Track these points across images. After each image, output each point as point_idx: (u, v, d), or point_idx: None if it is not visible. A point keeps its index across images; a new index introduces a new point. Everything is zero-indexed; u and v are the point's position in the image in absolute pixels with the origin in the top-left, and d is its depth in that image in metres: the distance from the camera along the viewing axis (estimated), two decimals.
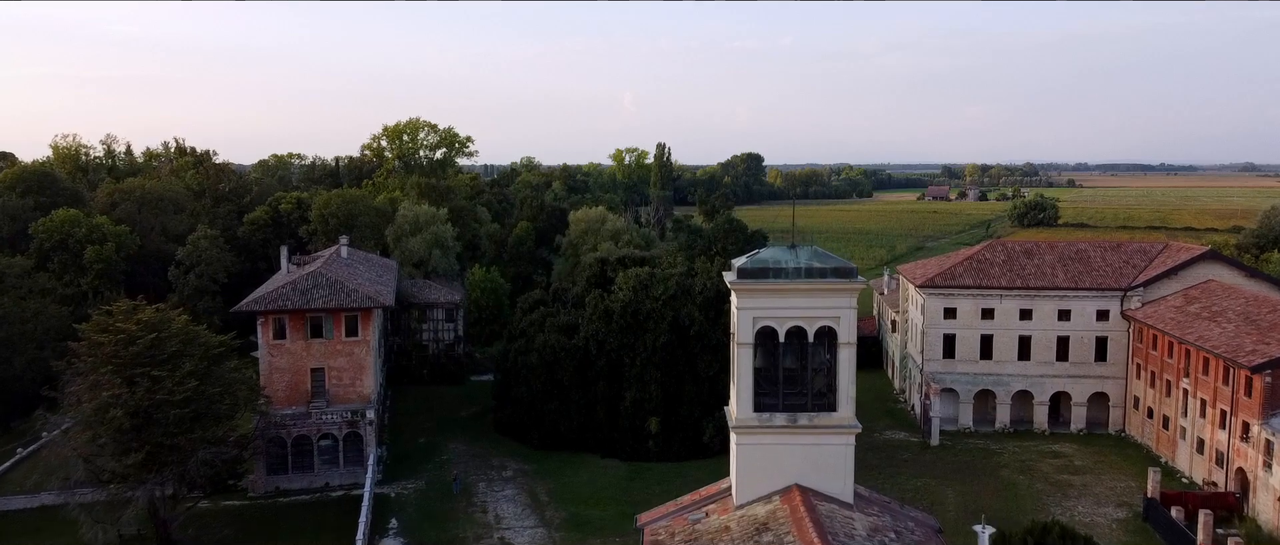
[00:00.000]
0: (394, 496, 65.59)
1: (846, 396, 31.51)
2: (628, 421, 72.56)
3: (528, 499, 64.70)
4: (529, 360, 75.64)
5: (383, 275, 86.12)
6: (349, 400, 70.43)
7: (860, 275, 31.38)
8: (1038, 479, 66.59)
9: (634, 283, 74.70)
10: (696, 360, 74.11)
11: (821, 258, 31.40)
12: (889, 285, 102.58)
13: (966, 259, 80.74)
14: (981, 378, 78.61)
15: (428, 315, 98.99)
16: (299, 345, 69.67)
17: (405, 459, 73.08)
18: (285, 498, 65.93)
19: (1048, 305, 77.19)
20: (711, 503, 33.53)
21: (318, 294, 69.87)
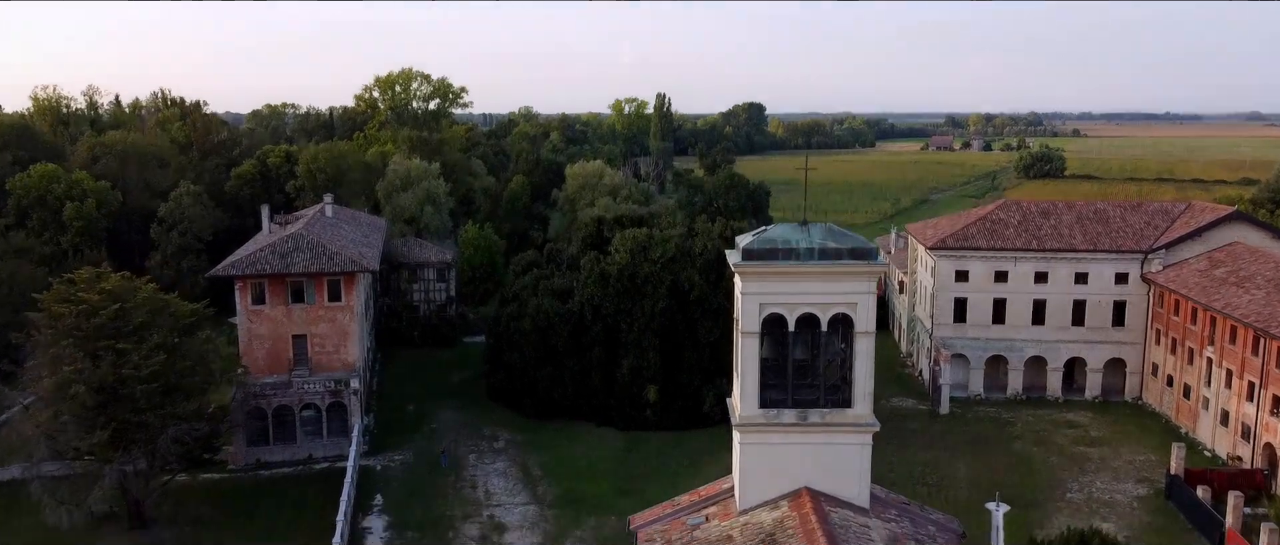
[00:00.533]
0: (380, 470, 62.76)
1: (863, 392, 28.25)
2: (625, 390, 69.54)
3: (519, 473, 61.86)
4: (521, 325, 72.41)
5: (369, 235, 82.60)
6: (333, 368, 67.31)
7: (879, 256, 27.86)
8: (1053, 451, 63.69)
9: (631, 245, 71.19)
10: (696, 326, 70.87)
11: (837, 237, 27.89)
12: (896, 244, 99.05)
13: (980, 219, 77.10)
14: (993, 343, 75.43)
15: (418, 275, 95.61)
16: (279, 311, 66.37)
17: (393, 428, 70.18)
18: (266, 471, 63.10)
19: (1064, 268, 73.71)
20: (711, 505, 30.42)
21: (298, 258, 66.38)
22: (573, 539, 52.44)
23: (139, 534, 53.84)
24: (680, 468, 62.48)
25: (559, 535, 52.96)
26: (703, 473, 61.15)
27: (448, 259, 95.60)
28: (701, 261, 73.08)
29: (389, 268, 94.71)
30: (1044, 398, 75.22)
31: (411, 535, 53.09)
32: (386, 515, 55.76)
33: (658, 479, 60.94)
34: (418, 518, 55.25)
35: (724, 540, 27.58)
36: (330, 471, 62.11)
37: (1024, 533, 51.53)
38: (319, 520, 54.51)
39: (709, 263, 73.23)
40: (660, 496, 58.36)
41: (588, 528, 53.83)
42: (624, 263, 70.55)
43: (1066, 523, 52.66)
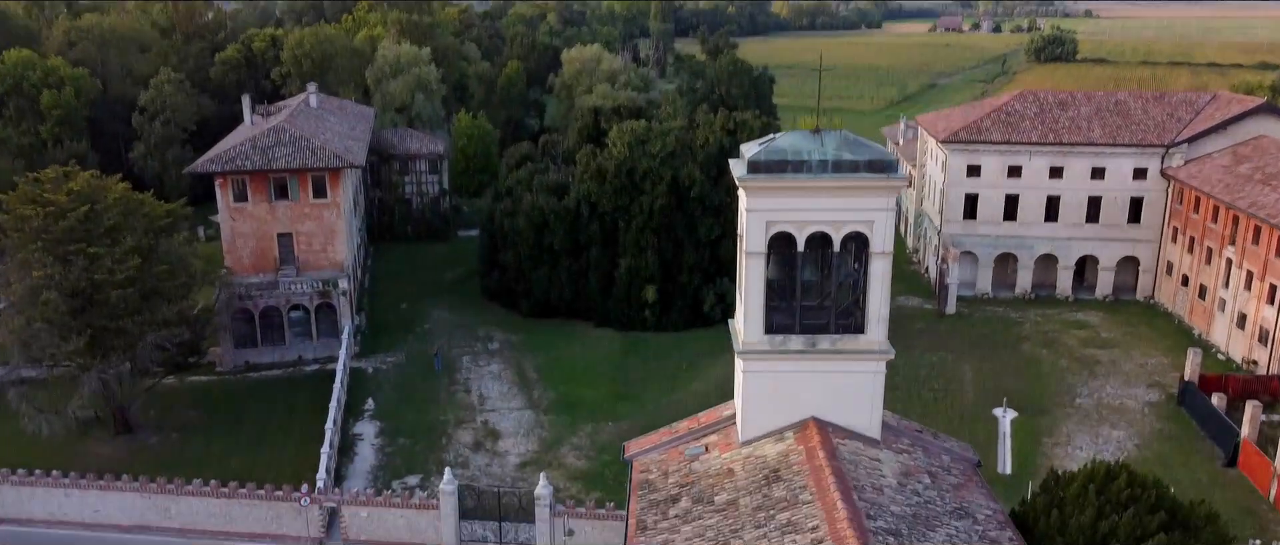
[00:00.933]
0: (371, 373, 61.25)
1: (878, 316, 25.89)
2: (623, 290, 67.48)
3: (514, 376, 60.34)
4: (516, 223, 69.87)
5: (356, 126, 79.21)
6: (320, 267, 65.10)
7: (899, 169, 25.07)
8: (1062, 354, 62.03)
9: (629, 139, 67.99)
10: (697, 224, 68.34)
11: (853, 147, 25.04)
12: (904, 135, 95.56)
13: (994, 111, 73.57)
14: (1004, 241, 72.98)
15: (410, 167, 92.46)
16: (263, 208, 63.72)
17: (384, 329, 68.46)
18: (255, 373, 61.62)
19: (1081, 163, 70.65)
20: (712, 433, 28.49)
21: (280, 152, 63.34)
22: (568, 446, 51.18)
23: (124, 440, 52.63)
24: (679, 371, 60.95)
25: (554, 442, 51.70)
26: (703, 376, 59.75)
27: (440, 150, 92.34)
28: (702, 156, 70.04)
29: (379, 159, 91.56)
30: (1053, 297, 73.24)
31: (403, 442, 51.82)
32: (378, 421, 54.42)
33: (656, 382, 59.51)
34: (410, 423, 53.92)
35: (724, 474, 25.71)
36: (321, 374, 60.60)
37: (1032, 440, 50.31)
38: (310, 425, 53.19)
39: (710, 157, 70.20)
40: (658, 401, 57.21)
41: (583, 434, 52.54)
42: (621, 158, 67.52)
43: (1075, 430, 51.43)
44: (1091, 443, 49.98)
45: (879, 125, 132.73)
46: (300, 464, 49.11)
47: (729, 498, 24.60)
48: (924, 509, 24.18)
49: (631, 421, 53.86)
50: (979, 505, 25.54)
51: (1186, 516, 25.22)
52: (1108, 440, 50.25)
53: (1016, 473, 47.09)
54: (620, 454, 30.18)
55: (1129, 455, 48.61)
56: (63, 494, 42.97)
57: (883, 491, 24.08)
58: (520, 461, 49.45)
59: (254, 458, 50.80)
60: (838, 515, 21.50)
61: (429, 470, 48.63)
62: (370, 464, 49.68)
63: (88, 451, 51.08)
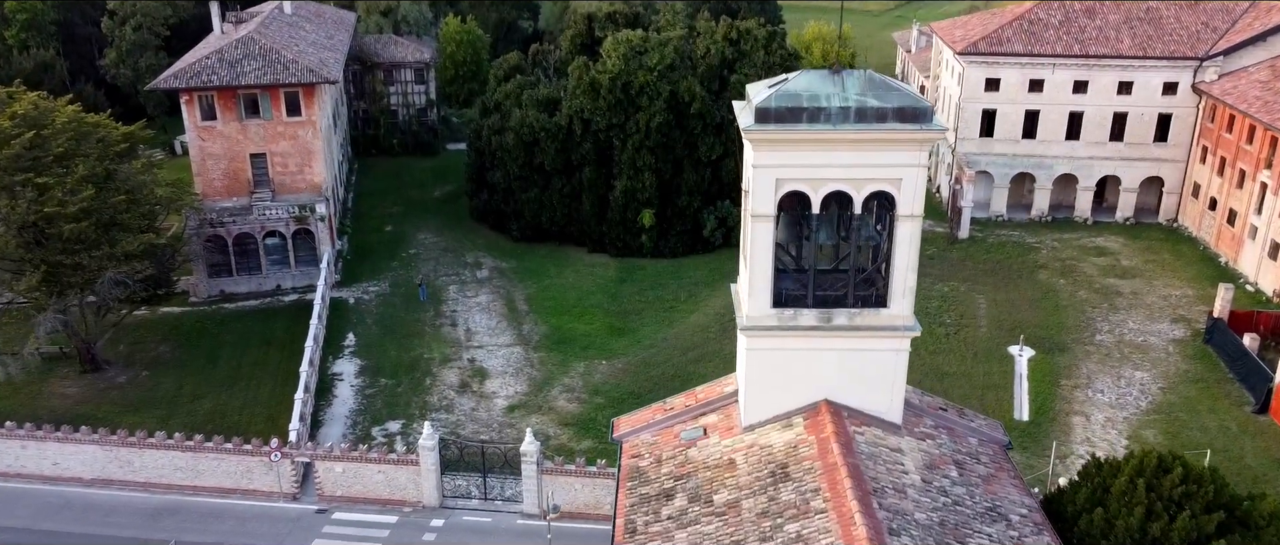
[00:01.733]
0: (353, 303, 58.13)
1: (904, 288, 22.47)
2: (618, 214, 63.85)
3: (503, 307, 57.24)
4: (504, 140, 65.77)
5: (334, 35, 74.27)
6: (298, 190, 61.34)
7: (934, 117, 21.27)
8: (1080, 283, 58.77)
9: (624, 50, 63.34)
10: (697, 142, 64.29)
11: (879, 91, 21.22)
12: (917, 42, 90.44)
13: (1017, 19, 68.59)
14: (1021, 160, 68.98)
15: (394, 77, 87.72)
16: (233, 128, 59.61)
17: (368, 254, 65.09)
18: (231, 304, 58.51)
19: (1107, 77, 66.15)
20: (711, 412, 25.40)
21: (249, 66, 58.88)
22: (559, 387, 48.35)
23: (91, 379, 49.81)
24: (677, 301, 57.82)
25: (544, 383, 48.86)
26: (702, 306, 56.65)
27: (426, 58, 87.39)
28: (703, 68, 65.55)
29: (362, 68, 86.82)
30: (1071, 219, 69.65)
31: (385, 383, 48.99)
32: (358, 359, 51.50)
33: (652, 314, 56.47)
34: (392, 361, 51.02)
35: (725, 466, 22.71)
36: (300, 304, 57.53)
37: (1051, 382, 47.49)
38: (287, 361, 50.37)
39: (711, 69, 65.74)
40: (655, 336, 54.22)
41: (576, 373, 49.67)
42: (616, 71, 63.00)
43: (1096, 371, 48.56)
44: (1113, 385, 47.13)
45: (887, 29, 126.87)
46: (276, 406, 46.46)
47: (730, 498, 21.63)
48: (952, 513, 21.21)
49: (626, 359, 51.01)
50: (1013, 503, 22.58)
51: (1247, 514, 22.31)
52: (1130, 383, 47.39)
53: (1034, 419, 44.39)
54: (609, 431, 27.13)
55: (1153, 400, 45.88)
56: (19, 446, 40.28)
57: (906, 493, 21.08)
58: (508, 405, 46.69)
59: (227, 398, 48.09)
60: (856, 533, 18.52)
61: (412, 414, 45.92)
62: (349, 407, 46.92)
63: (51, 392, 48.33)
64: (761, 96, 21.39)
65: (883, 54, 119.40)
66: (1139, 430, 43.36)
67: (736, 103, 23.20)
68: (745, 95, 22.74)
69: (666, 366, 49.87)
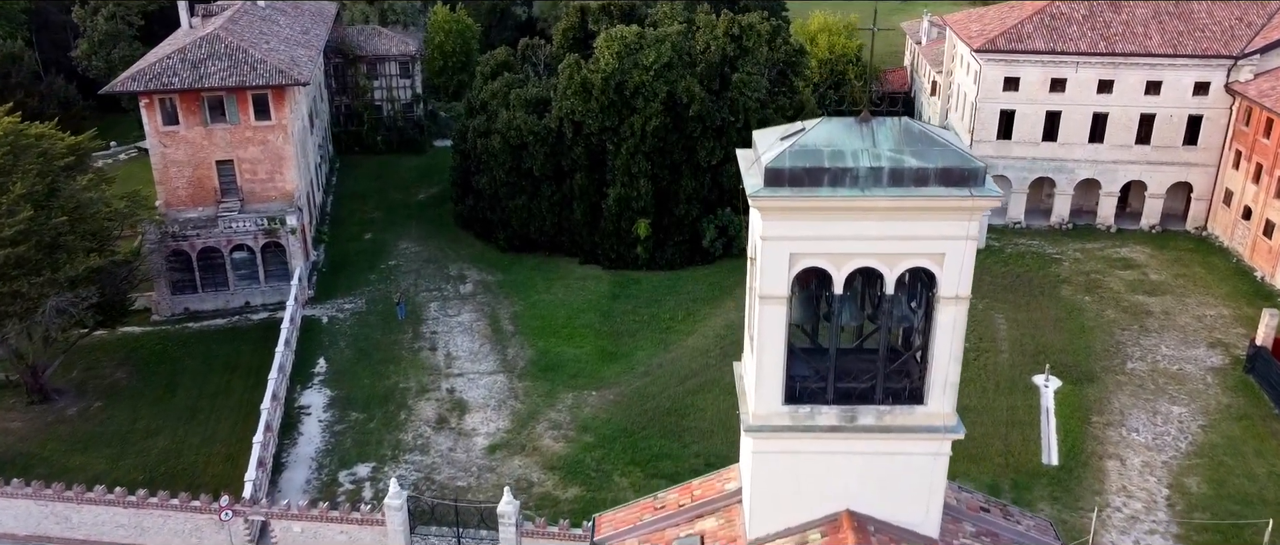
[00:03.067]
0: (326, 322, 54.15)
1: (945, 381, 18.48)
2: (611, 224, 59.74)
3: (488, 328, 53.25)
4: (490, 143, 61.59)
5: (310, 29, 69.86)
6: (269, 199, 57.30)
7: (987, 180, 17.24)
8: (1107, 301, 54.78)
9: (618, 47, 59.03)
10: (695, 147, 60.12)
11: (919, 147, 17.18)
12: (928, 33, 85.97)
13: (1037, 13, 64.22)
14: (1041, 163, 64.84)
15: (378, 70, 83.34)
16: (197, 133, 55.51)
17: (345, 265, 61.05)
18: (195, 323, 54.56)
19: (1134, 75, 61.91)
20: (708, 514, 21.45)
21: (213, 67, 54.69)
22: (545, 423, 44.44)
23: (38, 412, 45.99)
24: (674, 321, 53.82)
25: (529, 417, 44.95)
26: (701, 326, 52.72)
27: (411, 51, 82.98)
28: (703, 66, 61.25)
29: (344, 61, 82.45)
30: (1093, 226, 65.58)
31: (356, 418, 45.09)
32: (328, 389, 47.56)
33: (647, 335, 52.50)
34: (365, 392, 47.10)
35: None
36: (270, 323, 53.54)
37: (1080, 418, 43.59)
38: (251, 390, 46.52)
39: (711, 68, 61.45)
40: (649, 361, 50.25)
41: (563, 406, 45.76)
42: (610, 70, 58.74)
43: (1129, 404, 44.66)
44: (1149, 422, 43.26)
45: (896, 18, 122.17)
46: (236, 445, 42.63)
47: None
48: None
49: (619, 389, 47.10)
50: None
51: None
52: (1167, 419, 43.52)
53: (1065, 464, 40.53)
54: (590, 531, 23.18)
55: (1193, 440, 42.01)
56: None
57: None
58: (489, 444, 42.81)
59: (185, 435, 44.25)
60: None
61: (383, 456, 42.07)
62: (315, 447, 43.05)
63: None
64: (773, 153, 17.29)
65: (889, 42, 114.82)
66: (1180, 478, 39.53)
67: (741, 153, 19.13)
68: (752, 145, 18.72)
69: (662, 398, 45.96)
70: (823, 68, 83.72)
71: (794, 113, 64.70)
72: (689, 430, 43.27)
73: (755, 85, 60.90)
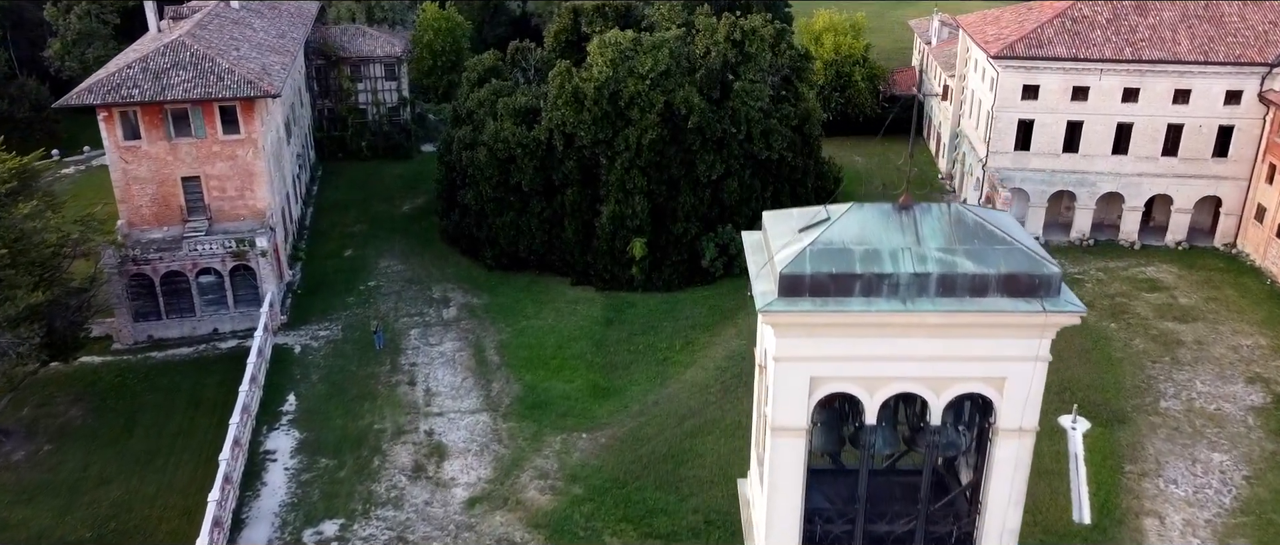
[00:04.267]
0: (299, 352, 50.58)
1: (1002, 530, 14.97)
2: (605, 243, 56.10)
3: (471, 359, 49.66)
4: (476, 156, 57.91)
5: (288, 31, 65.99)
6: (239, 216, 53.72)
7: (1061, 289, 13.70)
8: (1135, 328, 51.19)
9: (612, 54, 55.28)
10: (695, 160, 56.45)
11: (976, 247, 13.67)
12: (938, 33, 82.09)
13: (1058, 16, 60.38)
14: (1061, 176, 61.15)
15: (362, 72, 79.49)
16: (161, 148, 51.89)
17: (322, 285, 57.43)
18: (160, 353, 50.98)
19: (1162, 83, 58.18)
20: None
21: (177, 77, 51.00)
22: (531, 471, 40.92)
23: None
24: (671, 351, 50.25)
25: (514, 463, 41.42)
26: (701, 357, 49.18)
27: (397, 52, 79.09)
28: (702, 73, 57.50)
29: (326, 64, 78.63)
30: (1115, 242, 61.95)
31: (325, 465, 41.56)
32: (297, 431, 44.02)
33: (643, 367, 48.96)
34: (336, 434, 43.57)
35: None
36: (239, 352, 49.94)
37: (1112, 467, 40.06)
38: (215, 431, 43.03)
39: (711, 75, 57.71)
40: (645, 397, 46.46)
41: (550, 450, 42.24)
42: (603, 78, 55.03)
43: (1165, 450, 41.12)
44: (1188, 472, 39.77)
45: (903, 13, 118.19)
46: (195, 496, 39.08)
47: None
48: None
49: (611, 430, 43.60)
50: None
51: None
52: (1208, 468, 40.03)
53: (1098, 522, 37.04)
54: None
55: (1238, 493, 38.53)
56: None
57: None
58: (469, 497, 39.29)
59: (140, 483, 40.81)
60: None
61: (353, 511, 38.60)
62: (279, 499, 39.55)
63: None
64: (789, 252, 13.68)
65: (895, 37, 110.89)
66: (1226, 539, 36.06)
67: (747, 239, 15.64)
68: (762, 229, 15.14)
69: (658, 442, 42.43)
70: (828, 69, 79.85)
71: (799, 122, 61.11)
72: (687, 481, 39.76)
73: (758, 94, 57.16)
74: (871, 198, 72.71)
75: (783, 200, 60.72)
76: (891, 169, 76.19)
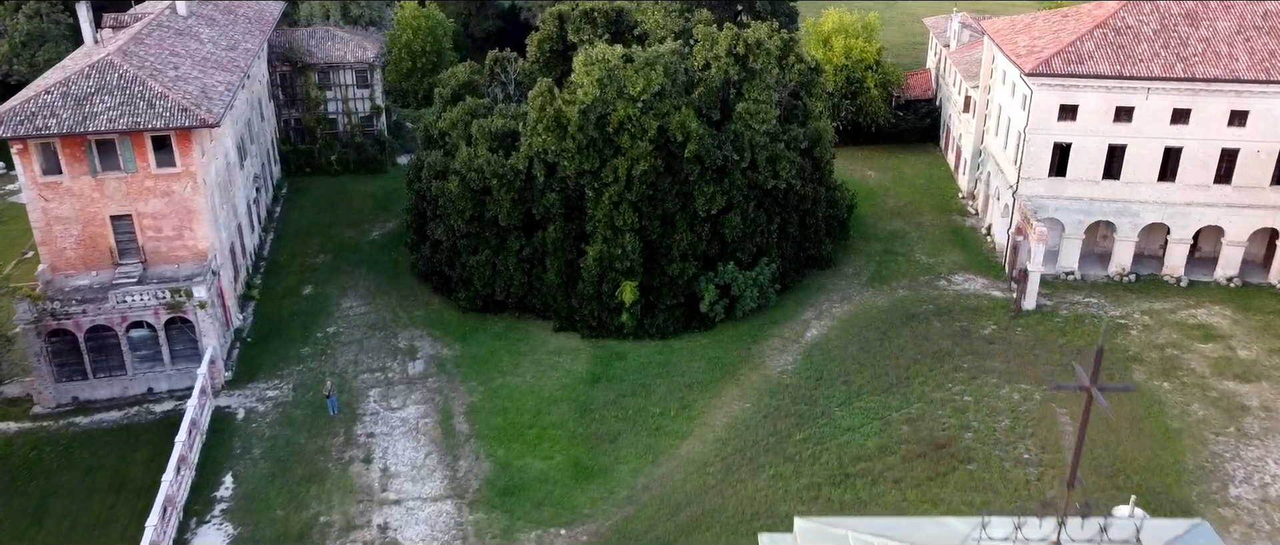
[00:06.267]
0: (242, 418, 44.53)
1: None
2: (591, 287, 49.94)
3: (437, 428, 43.61)
4: (447, 187, 51.68)
5: (241, 41, 59.40)
6: (178, 259, 47.59)
7: None
8: (1191, 390, 45.12)
9: (599, 73, 48.91)
10: (692, 192, 50.23)
11: None
12: (957, 35, 75.55)
13: (1099, 27, 53.92)
14: (1100, 205, 54.94)
15: (331, 79, 73.07)
16: (85, 184, 45.71)
17: (276, 331, 51.34)
18: (85, 417, 44.96)
19: (1216, 104, 51.89)
20: None
21: (101, 103, 44.72)
22: None
23: None
24: (665, 416, 44.23)
25: None
26: (700, 426, 43.19)
27: (370, 57, 72.60)
28: (701, 91, 51.16)
29: (292, 70, 72.23)
30: (1158, 277, 55.81)
31: None
32: (231, 524, 38.02)
33: (632, 439, 42.94)
34: (276, 529, 37.58)
35: None
36: (175, 416, 43.93)
37: None
38: (140, 518, 37.06)
39: (711, 94, 51.39)
40: (634, 480, 39.71)
41: None
42: (589, 101, 48.72)
43: None
44: None
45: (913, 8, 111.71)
46: None
47: None
48: None
49: (595, 525, 37.64)
50: None
51: None
52: None
53: None
54: None
55: None
56: None
57: None
58: None
59: None
60: None
61: None
62: None
63: None
64: None
65: (906, 31, 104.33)
66: None
67: None
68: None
69: (649, 540, 36.48)
70: (837, 75, 73.41)
71: (809, 145, 54.89)
72: None
73: (764, 116, 50.86)
74: (884, 218, 67.07)
75: (790, 234, 54.59)
76: (905, 183, 70.16)
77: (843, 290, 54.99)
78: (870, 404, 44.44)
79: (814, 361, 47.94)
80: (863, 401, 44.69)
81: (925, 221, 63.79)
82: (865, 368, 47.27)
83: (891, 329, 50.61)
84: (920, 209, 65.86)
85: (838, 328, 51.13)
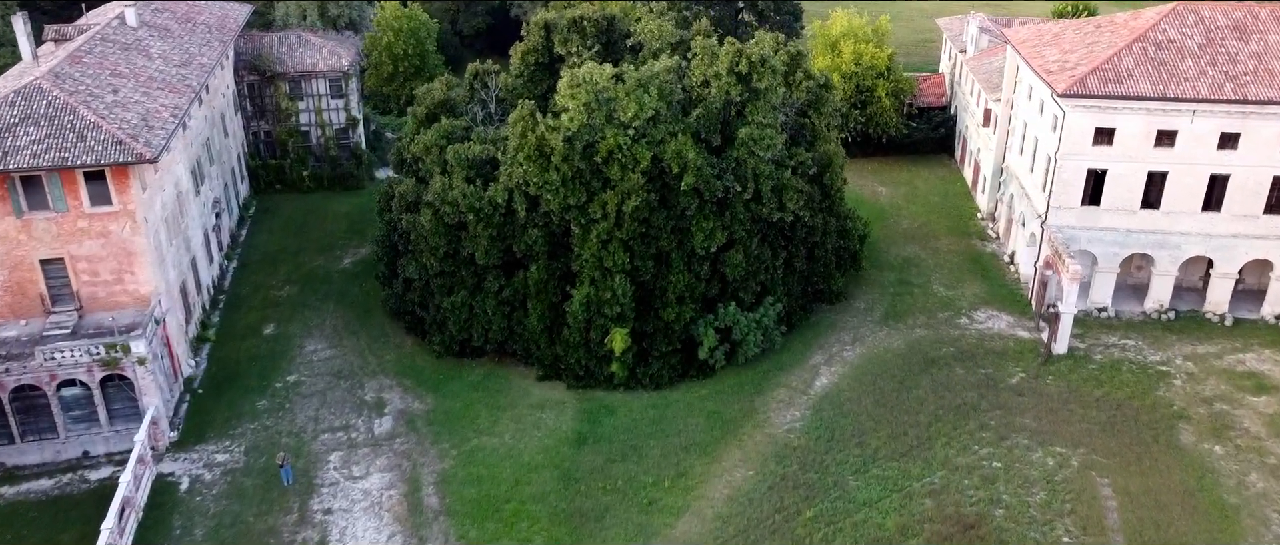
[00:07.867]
0: (185, 489, 39.84)
1: None
2: (578, 334, 45.10)
3: (402, 503, 38.89)
4: (419, 220, 46.81)
5: (195, 55, 54.26)
6: (118, 305, 42.83)
7: None
8: (1247, 456, 40.40)
9: (586, 97, 43.92)
10: (690, 228, 45.34)
11: None
12: (975, 39, 70.37)
13: (1138, 41, 48.87)
14: (1138, 236, 50.08)
15: (303, 89, 68.03)
16: (9, 225, 40.98)
17: (231, 380, 46.57)
18: (11, 486, 40.29)
19: (1270, 128, 46.97)
20: None
21: (24, 135, 39.88)
22: None
23: None
24: (660, 487, 39.51)
25: None
26: (696, 497, 38.61)
27: (344, 66, 67.48)
28: (700, 114, 46.17)
29: (262, 81, 67.20)
30: (1199, 314, 51.04)
31: None
32: None
33: (621, 516, 38.26)
34: None
35: None
36: (111, 485, 39.24)
37: None
38: None
39: (711, 116, 46.42)
40: None
41: None
42: (576, 126, 43.77)
43: None
44: None
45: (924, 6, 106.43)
46: None
47: None
48: None
49: None
50: None
51: None
52: None
53: None
54: None
55: None
56: None
57: None
58: None
59: None
60: None
61: None
62: None
63: None
64: None
65: (915, 29, 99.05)
66: None
67: None
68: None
69: None
70: (846, 83, 68.36)
71: (818, 170, 50.02)
72: None
73: (768, 141, 45.93)
74: (897, 242, 62.12)
75: (797, 269, 49.77)
76: (919, 201, 65.27)
77: (854, 329, 50.20)
78: (888, 472, 39.78)
79: (824, 417, 43.23)
80: (879, 468, 40.03)
81: (942, 246, 58.93)
82: (881, 425, 42.58)
83: (909, 377, 45.89)
84: (936, 231, 60.98)
85: (850, 375, 46.38)
